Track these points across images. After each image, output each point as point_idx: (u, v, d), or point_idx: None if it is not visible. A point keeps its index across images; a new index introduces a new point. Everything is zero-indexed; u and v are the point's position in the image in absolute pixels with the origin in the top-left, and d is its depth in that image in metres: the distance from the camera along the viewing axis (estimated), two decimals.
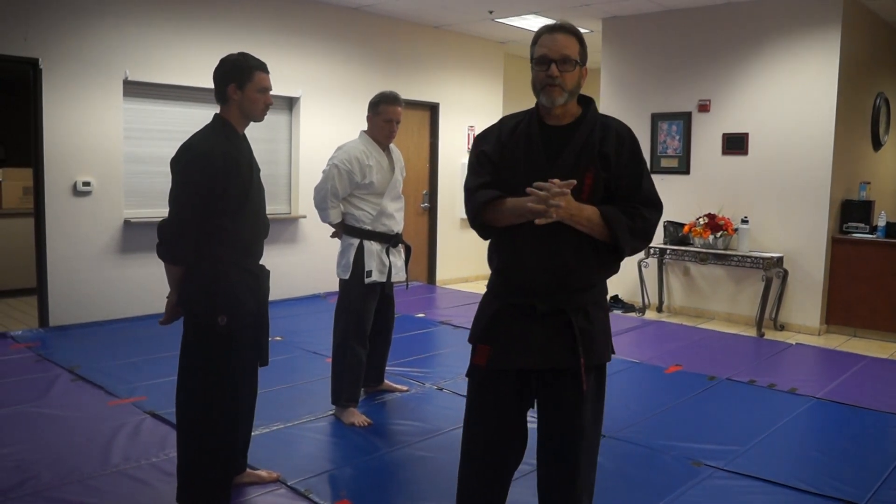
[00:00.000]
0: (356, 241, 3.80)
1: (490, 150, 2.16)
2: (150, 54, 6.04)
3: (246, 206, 2.67)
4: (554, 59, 2.04)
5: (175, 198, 2.59)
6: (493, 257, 2.19)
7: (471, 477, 2.24)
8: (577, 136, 2.08)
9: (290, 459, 3.30)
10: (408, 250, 4.05)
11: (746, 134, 6.65)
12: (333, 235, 4.02)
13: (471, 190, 2.16)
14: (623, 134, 2.12)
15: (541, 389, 2.15)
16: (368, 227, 3.82)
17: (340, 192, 3.77)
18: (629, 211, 2.06)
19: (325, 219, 3.86)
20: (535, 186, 1.96)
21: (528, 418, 2.24)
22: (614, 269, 2.16)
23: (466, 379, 2.26)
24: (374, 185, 3.80)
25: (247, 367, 2.79)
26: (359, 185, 3.77)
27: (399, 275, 3.95)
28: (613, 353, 2.21)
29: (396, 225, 3.92)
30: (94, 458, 3.25)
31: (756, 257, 6.33)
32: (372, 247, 3.81)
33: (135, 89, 6.03)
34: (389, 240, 3.88)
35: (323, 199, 3.79)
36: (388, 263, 3.87)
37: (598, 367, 2.16)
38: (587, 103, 2.17)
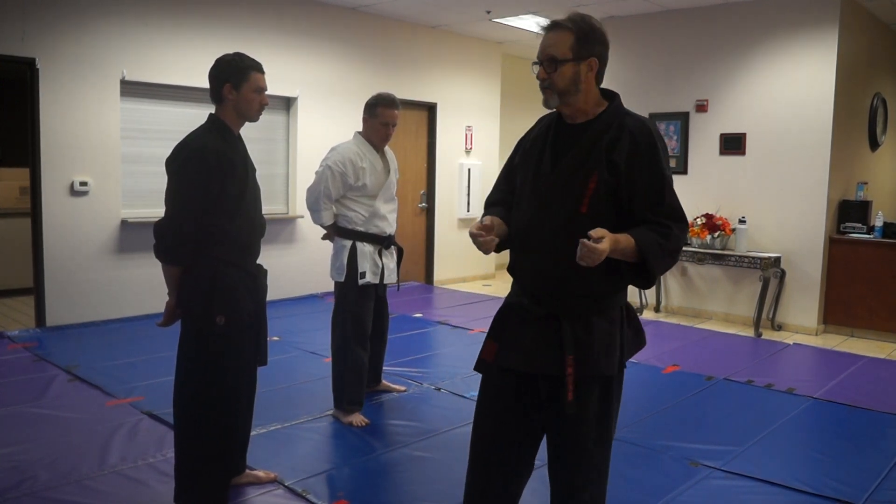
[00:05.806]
0: (349, 243, 3.78)
1: (518, 157, 2.14)
2: (147, 54, 6.04)
3: (242, 205, 2.67)
4: (540, 60, 1.98)
5: (171, 197, 2.58)
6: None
7: (475, 477, 2.19)
8: (586, 138, 1.95)
9: (287, 459, 3.30)
10: (400, 252, 4.04)
11: (744, 134, 6.66)
12: (325, 237, 3.99)
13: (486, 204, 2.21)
14: (640, 139, 1.92)
15: (547, 399, 2.01)
16: (361, 229, 3.80)
17: (333, 194, 3.74)
18: (660, 230, 1.90)
19: (317, 220, 3.84)
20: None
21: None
22: (638, 283, 1.98)
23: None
24: (368, 188, 3.78)
25: (245, 367, 2.78)
26: (352, 187, 3.75)
27: (391, 277, 3.93)
28: (624, 366, 2.05)
29: (389, 227, 3.90)
30: (92, 459, 3.24)
31: (754, 257, 6.34)
32: (365, 248, 3.79)
33: (132, 89, 6.02)
34: (382, 241, 3.86)
35: (316, 201, 3.77)
36: (380, 265, 3.85)
37: (604, 380, 1.98)
38: (612, 99, 2.02)
